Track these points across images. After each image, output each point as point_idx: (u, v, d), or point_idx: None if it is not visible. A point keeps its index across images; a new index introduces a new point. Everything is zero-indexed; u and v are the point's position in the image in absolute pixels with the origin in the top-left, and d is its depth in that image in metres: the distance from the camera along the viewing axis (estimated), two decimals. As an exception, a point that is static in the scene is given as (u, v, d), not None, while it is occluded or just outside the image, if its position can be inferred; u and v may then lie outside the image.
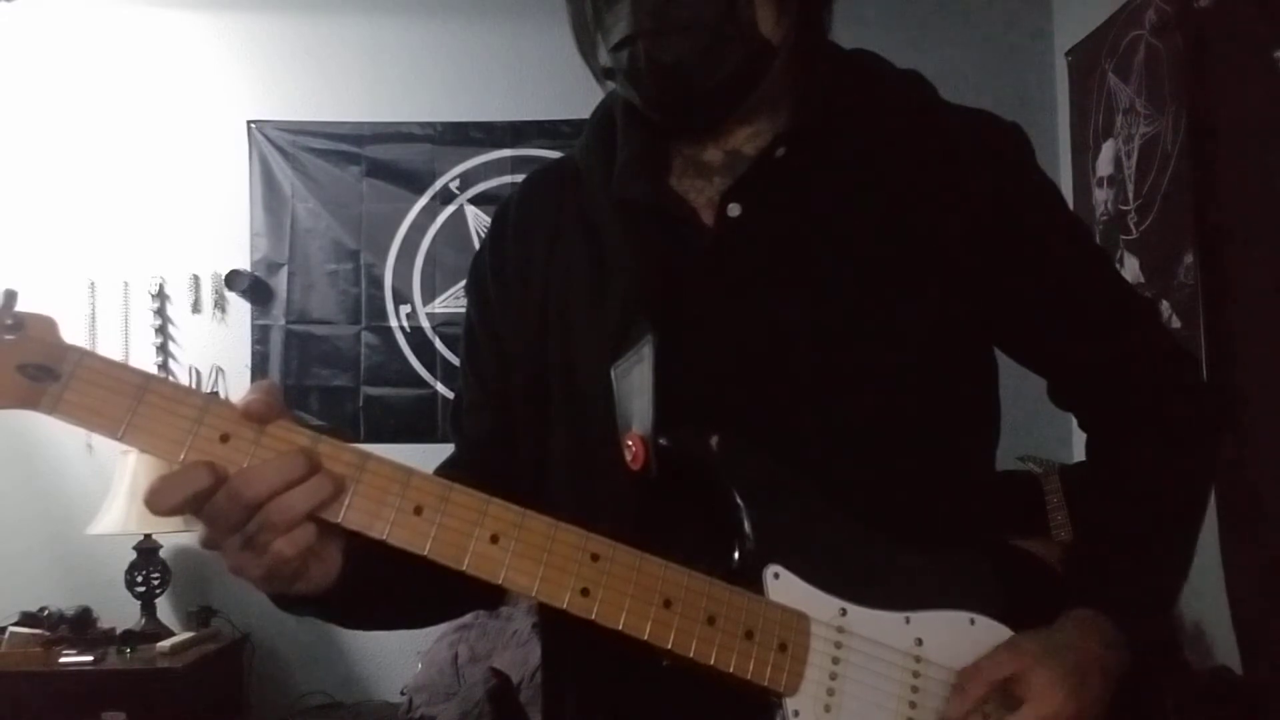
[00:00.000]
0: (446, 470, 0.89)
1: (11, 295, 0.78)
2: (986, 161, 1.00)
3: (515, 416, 1.05)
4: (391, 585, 0.88)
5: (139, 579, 3.47)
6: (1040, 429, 1.04)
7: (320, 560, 0.84)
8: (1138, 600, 0.97)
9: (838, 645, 0.89)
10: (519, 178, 3.32)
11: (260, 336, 3.81)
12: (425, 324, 3.80)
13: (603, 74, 1.01)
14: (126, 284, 3.78)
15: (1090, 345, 1.04)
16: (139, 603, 3.47)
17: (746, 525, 0.89)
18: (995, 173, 1.00)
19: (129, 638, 3.33)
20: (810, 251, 0.97)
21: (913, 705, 0.91)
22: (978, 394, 1.03)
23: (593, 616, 0.84)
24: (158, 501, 0.77)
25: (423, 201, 3.82)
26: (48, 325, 0.79)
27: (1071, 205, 3.52)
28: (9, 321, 0.77)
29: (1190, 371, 1.11)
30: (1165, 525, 1.02)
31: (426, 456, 0.89)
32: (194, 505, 0.79)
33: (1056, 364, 1.07)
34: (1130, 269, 3.13)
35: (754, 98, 0.99)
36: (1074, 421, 1.12)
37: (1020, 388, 1.10)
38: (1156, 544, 1.01)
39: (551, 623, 1.05)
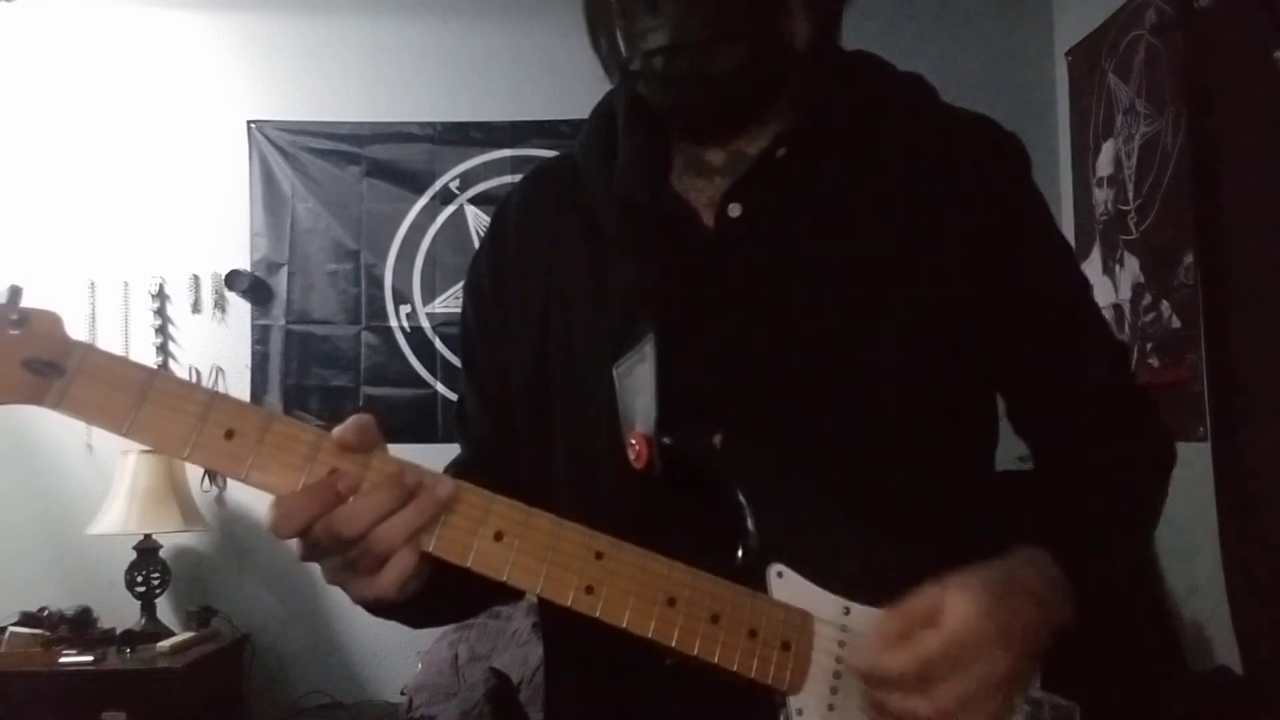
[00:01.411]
0: (452, 472, 0.89)
1: (16, 291, 0.79)
2: (984, 169, 1.00)
3: (516, 418, 1.06)
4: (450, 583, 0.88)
5: (139, 579, 3.47)
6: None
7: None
8: (1079, 545, 0.93)
9: (841, 644, 0.89)
10: (519, 178, 3.35)
11: (260, 336, 3.81)
12: (425, 324, 3.80)
13: (620, 73, 1.00)
14: (126, 284, 3.78)
15: (1053, 372, 1.03)
16: (139, 603, 3.47)
17: (750, 523, 0.90)
18: (991, 181, 1.00)
19: (129, 638, 3.33)
20: (810, 251, 0.97)
21: (916, 703, 0.90)
22: (977, 393, 1.03)
23: (596, 614, 0.84)
24: (286, 525, 0.80)
25: (423, 201, 3.82)
26: (53, 321, 0.79)
27: (1071, 205, 3.50)
28: (14, 317, 0.77)
29: (1147, 414, 1.08)
30: (1109, 517, 0.99)
31: (426, 456, 0.88)
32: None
33: (1017, 383, 1.05)
34: (1130, 269, 3.13)
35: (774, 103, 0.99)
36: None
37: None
38: (1100, 519, 0.98)
39: (553, 621, 1.05)
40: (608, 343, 0.96)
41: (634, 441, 0.91)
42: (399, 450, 0.85)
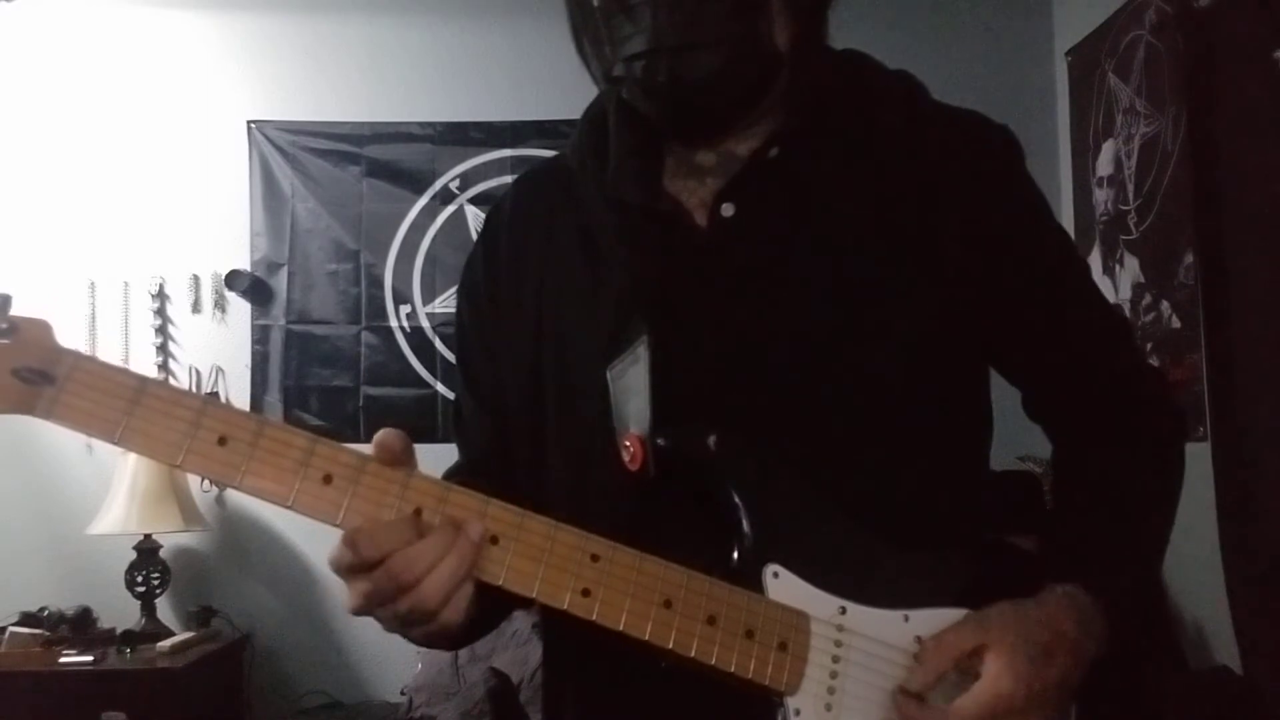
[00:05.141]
0: (450, 477, 0.89)
1: (5, 300, 0.78)
2: (975, 163, 1.00)
3: (512, 422, 1.05)
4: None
5: (139, 579, 3.47)
6: (1040, 429, 1.04)
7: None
8: (1115, 578, 0.96)
9: (838, 644, 0.90)
10: (519, 178, 3.30)
11: (260, 336, 3.81)
12: (425, 324, 3.80)
13: (605, 79, 1.00)
14: (126, 284, 3.77)
15: (1062, 356, 1.05)
16: (139, 603, 3.46)
17: (745, 524, 0.90)
18: (983, 175, 1.00)
19: (129, 638, 3.33)
20: (803, 250, 0.97)
21: (912, 704, 0.90)
22: (971, 390, 1.03)
23: (593, 617, 0.84)
24: (368, 546, 0.80)
25: (423, 201, 3.82)
26: (42, 329, 0.79)
27: (1071, 205, 3.49)
28: (3, 325, 0.77)
29: (1157, 386, 1.11)
30: (1134, 520, 1.01)
31: (427, 457, 0.88)
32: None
33: (1028, 372, 1.07)
34: (1130, 269, 3.13)
35: (760, 105, 0.99)
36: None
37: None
38: (1128, 534, 1.00)
39: (552, 623, 1.04)
40: (601, 345, 0.96)
41: (628, 443, 0.91)
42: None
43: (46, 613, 3.43)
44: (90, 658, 3.21)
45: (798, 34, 0.98)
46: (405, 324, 3.80)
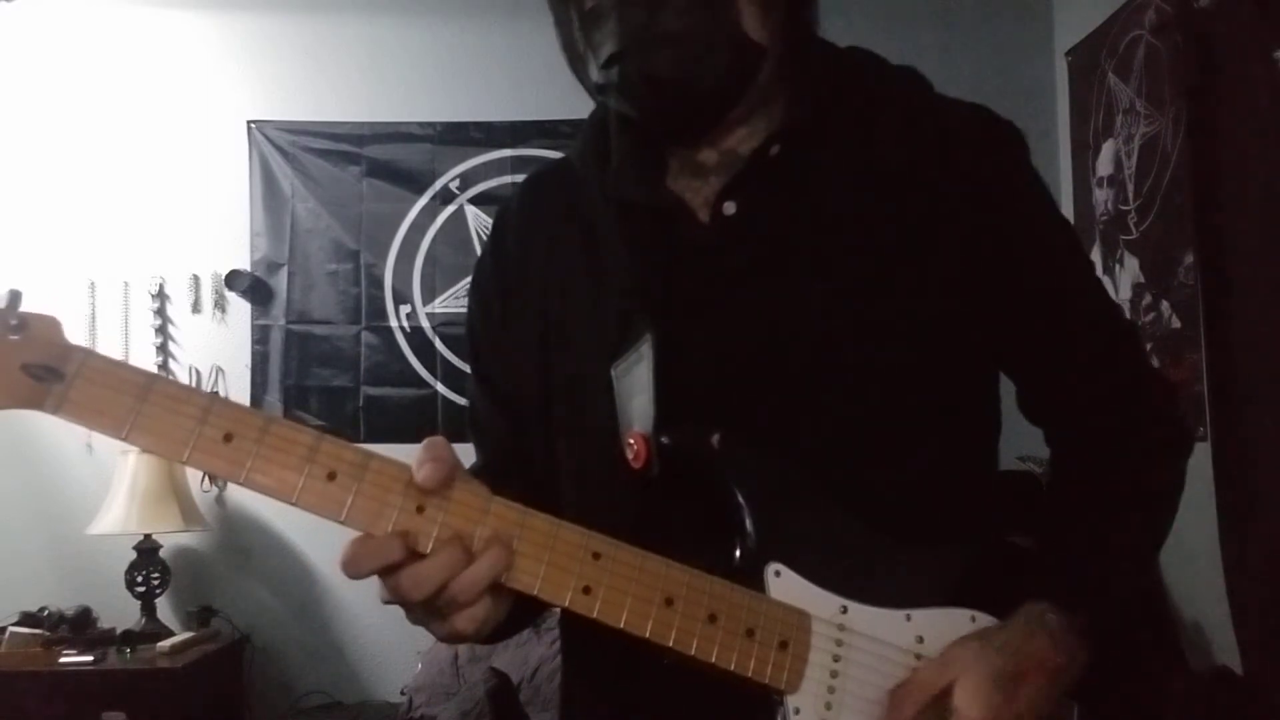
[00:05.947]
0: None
1: (16, 295, 0.78)
2: (981, 157, 1.00)
3: (526, 421, 1.06)
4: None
5: (139, 579, 3.47)
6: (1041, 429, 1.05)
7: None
8: (1091, 596, 0.95)
9: (839, 643, 0.90)
10: (519, 178, 3.32)
11: (260, 336, 3.81)
12: (425, 324, 3.80)
13: (595, 90, 1.00)
14: (126, 284, 3.78)
15: (1065, 356, 1.04)
16: (139, 603, 3.47)
17: (747, 523, 0.90)
18: (989, 169, 0.99)
19: (129, 638, 3.33)
20: (807, 248, 0.97)
21: (913, 703, 0.91)
22: (977, 389, 1.03)
23: (594, 615, 0.84)
24: (353, 568, 0.80)
25: (423, 201, 3.82)
26: (51, 325, 0.79)
27: (1072, 205, 3.49)
28: (13, 322, 0.77)
29: (1163, 394, 1.10)
30: (1120, 535, 1.00)
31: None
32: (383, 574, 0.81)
33: (1029, 370, 1.06)
34: (1130, 269, 3.13)
35: (748, 99, 0.99)
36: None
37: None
38: (1111, 550, 0.99)
39: (568, 619, 1.05)
40: (605, 344, 0.97)
41: (632, 441, 0.91)
42: (399, 451, 0.85)
43: (46, 613, 3.43)
44: (90, 658, 3.22)
45: (775, 24, 0.97)
46: (405, 324, 3.80)
